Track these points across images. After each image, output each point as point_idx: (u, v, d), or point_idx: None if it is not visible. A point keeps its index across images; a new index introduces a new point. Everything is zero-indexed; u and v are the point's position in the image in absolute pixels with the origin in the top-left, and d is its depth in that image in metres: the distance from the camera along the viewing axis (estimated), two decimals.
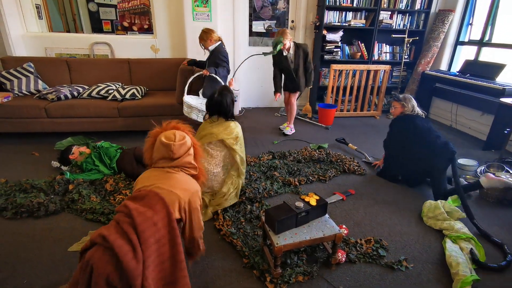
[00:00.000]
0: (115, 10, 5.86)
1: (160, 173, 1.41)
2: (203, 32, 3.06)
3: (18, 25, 3.77)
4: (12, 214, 2.03)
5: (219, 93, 2.19)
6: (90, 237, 1.19)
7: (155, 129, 1.47)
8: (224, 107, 2.18)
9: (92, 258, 1.11)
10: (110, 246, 1.11)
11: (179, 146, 1.41)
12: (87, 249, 1.17)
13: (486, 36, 3.94)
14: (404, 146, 2.58)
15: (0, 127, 3.11)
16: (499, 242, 1.93)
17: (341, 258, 1.74)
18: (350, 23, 4.23)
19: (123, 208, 1.24)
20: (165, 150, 1.40)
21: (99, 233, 1.16)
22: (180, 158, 1.43)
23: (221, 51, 3.08)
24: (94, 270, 1.09)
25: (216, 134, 2.16)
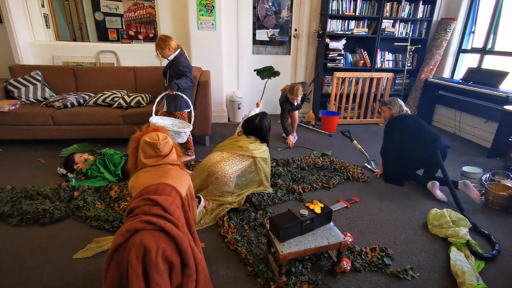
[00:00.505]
0: (121, 19, 5.97)
1: (154, 171, 1.47)
2: (160, 40, 2.75)
3: (26, 33, 3.85)
4: (18, 221, 2.05)
5: (259, 119, 2.44)
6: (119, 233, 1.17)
7: (136, 133, 1.55)
8: (263, 133, 2.44)
9: (144, 241, 1.12)
10: (155, 227, 1.17)
11: (164, 144, 1.50)
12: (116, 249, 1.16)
13: (489, 44, 3.95)
14: (399, 146, 2.71)
15: (7, 134, 3.15)
16: (486, 233, 2.09)
17: (346, 266, 1.72)
18: (352, 31, 4.27)
19: (145, 202, 1.27)
20: (152, 149, 1.47)
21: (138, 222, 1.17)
22: (168, 155, 1.52)
23: (182, 61, 2.80)
24: (150, 250, 1.11)
25: (251, 150, 2.36)
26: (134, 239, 1.14)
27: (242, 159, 2.35)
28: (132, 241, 1.14)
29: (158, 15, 4.03)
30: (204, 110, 3.34)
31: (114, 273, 1.14)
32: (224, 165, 2.25)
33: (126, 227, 1.18)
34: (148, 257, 1.11)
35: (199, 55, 4.03)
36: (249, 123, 2.45)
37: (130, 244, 1.13)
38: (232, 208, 2.24)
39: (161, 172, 1.46)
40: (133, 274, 1.09)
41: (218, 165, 2.25)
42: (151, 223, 1.17)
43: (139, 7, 5.58)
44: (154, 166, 1.48)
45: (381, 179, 2.85)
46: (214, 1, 3.81)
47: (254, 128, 2.43)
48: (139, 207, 1.27)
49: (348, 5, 4.17)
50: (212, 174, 2.24)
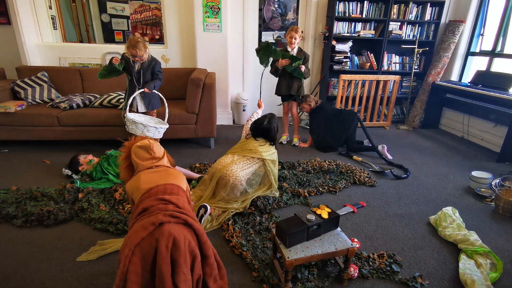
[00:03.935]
0: (127, 21, 6.00)
1: (154, 171, 1.50)
2: (141, 42, 2.72)
3: (33, 35, 3.88)
4: (22, 222, 2.04)
5: (268, 121, 2.41)
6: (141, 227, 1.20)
7: (127, 142, 1.63)
8: (272, 134, 2.42)
9: (173, 232, 1.17)
10: (179, 220, 1.24)
11: (156, 146, 1.58)
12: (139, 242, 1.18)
13: (498, 47, 3.89)
14: (324, 125, 3.53)
15: (13, 134, 3.17)
16: (400, 164, 3.12)
17: (354, 273, 1.69)
18: (359, 33, 4.24)
19: (159, 201, 1.31)
20: (146, 151, 1.54)
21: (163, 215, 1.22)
22: (161, 159, 1.58)
23: (158, 63, 2.93)
24: (179, 240, 1.16)
25: (260, 152, 2.34)
26: (162, 230, 1.18)
27: (252, 161, 2.33)
28: (160, 232, 1.17)
29: (164, 17, 4.03)
30: (209, 112, 3.33)
31: (138, 268, 1.14)
32: (235, 168, 2.23)
33: (150, 220, 1.19)
34: (177, 247, 1.15)
35: (205, 57, 4.02)
36: (257, 125, 2.44)
37: (158, 235, 1.16)
38: (237, 212, 2.21)
39: (161, 173, 1.50)
40: (164, 262, 1.13)
41: (228, 168, 2.23)
42: (175, 217, 1.24)
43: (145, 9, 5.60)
44: (151, 168, 1.52)
45: (384, 181, 2.81)
46: (220, 3, 3.81)
47: (263, 130, 2.41)
48: (153, 206, 1.29)
49: (355, 7, 4.14)
50: (223, 178, 2.22)
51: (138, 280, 1.13)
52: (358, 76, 4.21)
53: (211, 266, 1.29)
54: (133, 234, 1.19)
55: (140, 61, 2.79)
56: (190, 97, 3.24)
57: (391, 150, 3.55)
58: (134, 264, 1.14)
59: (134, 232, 1.20)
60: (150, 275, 1.16)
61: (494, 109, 3.64)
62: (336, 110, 3.67)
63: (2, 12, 3.71)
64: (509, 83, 3.53)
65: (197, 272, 1.23)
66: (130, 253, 1.15)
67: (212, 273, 1.29)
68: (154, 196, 1.34)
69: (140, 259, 1.15)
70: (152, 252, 1.15)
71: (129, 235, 1.21)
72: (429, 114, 4.52)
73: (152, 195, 1.35)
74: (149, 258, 1.15)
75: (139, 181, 1.44)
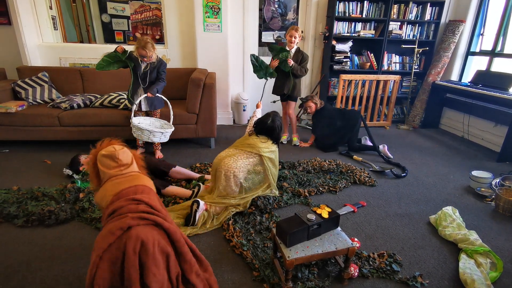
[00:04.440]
0: (127, 21, 6.01)
1: (122, 178, 1.44)
2: (150, 43, 2.77)
3: (34, 35, 3.88)
4: (23, 222, 2.05)
5: (272, 119, 2.38)
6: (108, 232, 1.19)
7: (92, 150, 1.54)
8: (275, 133, 2.39)
9: (140, 235, 1.18)
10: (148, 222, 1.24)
11: (123, 153, 1.49)
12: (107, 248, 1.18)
13: (498, 47, 3.89)
14: (328, 125, 3.55)
15: (14, 135, 3.17)
16: (397, 162, 3.16)
17: (354, 272, 1.69)
18: (359, 33, 4.24)
19: (129, 202, 1.31)
20: (111, 159, 1.45)
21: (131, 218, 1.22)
22: (130, 165, 1.51)
23: (164, 63, 2.97)
24: (147, 243, 1.17)
25: (259, 148, 2.32)
26: (129, 234, 1.18)
27: (249, 155, 2.31)
28: (127, 236, 1.17)
29: (165, 17, 4.04)
30: (209, 112, 3.33)
31: (105, 273, 1.15)
32: (228, 161, 2.25)
33: (117, 225, 1.19)
34: (146, 249, 1.16)
35: (205, 57, 4.03)
36: (261, 124, 2.41)
37: (125, 239, 1.17)
38: (237, 212, 2.21)
39: (130, 178, 1.45)
40: (131, 267, 1.14)
41: (223, 161, 2.25)
42: (143, 219, 1.24)
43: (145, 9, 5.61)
44: (119, 175, 1.46)
45: (384, 180, 2.81)
46: (220, 3, 3.82)
47: (267, 129, 2.38)
48: (123, 207, 1.28)
49: (355, 7, 4.14)
50: (217, 170, 2.26)
51: (104, 284, 1.14)
52: (358, 76, 4.21)
53: (189, 263, 1.30)
54: (101, 239, 1.19)
55: (149, 61, 2.85)
56: (191, 97, 3.24)
57: (392, 150, 3.56)
58: (102, 270, 1.15)
59: (101, 237, 1.19)
60: (120, 278, 1.16)
61: (495, 109, 3.64)
62: (339, 110, 3.71)
63: (2, 12, 3.71)
64: (509, 82, 3.53)
65: (174, 270, 1.24)
66: (98, 258, 1.15)
67: (192, 269, 1.30)
68: (125, 197, 1.32)
69: (109, 265, 1.15)
70: (120, 255, 1.16)
71: (97, 240, 1.20)
72: (429, 114, 4.53)
73: (122, 197, 1.33)
74: (118, 262, 1.16)
75: (105, 191, 1.41)
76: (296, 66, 3.30)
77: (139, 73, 2.90)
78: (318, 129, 3.63)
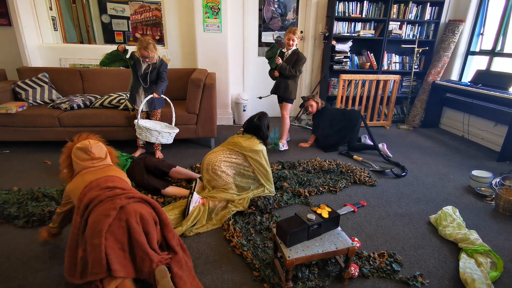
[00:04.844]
0: (127, 21, 6.01)
1: (95, 170, 1.57)
2: (151, 44, 2.78)
3: (34, 36, 3.89)
4: (24, 222, 2.05)
5: (258, 118, 2.44)
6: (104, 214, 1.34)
7: (68, 143, 1.65)
8: (262, 131, 2.43)
9: (137, 209, 1.39)
10: (136, 199, 1.44)
11: (96, 147, 1.62)
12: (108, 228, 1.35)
13: (498, 46, 3.89)
14: (329, 125, 3.56)
15: (15, 135, 3.18)
16: (397, 162, 3.17)
17: (354, 272, 1.69)
18: (359, 33, 4.24)
19: (104, 190, 1.44)
20: (84, 152, 1.58)
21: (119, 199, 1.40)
22: (104, 158, 1.64)
23: (164, 63, 2.97)
24: (144, 214, 1.40)
25: (241, 147, 2.37)
26: (127, 211, 1.37)
27: (231, 152, 2.40)
28: (126, 213, 1.37)
29: (165, 18, 4.04)
30: (209, 112, 3.33)
31: (115, 251, 1.32)
32: (210, 156, 2.39)
33: (109, 207, 1.35)
34: (144, 220, 1.40)
35: (205, 58, 4.03)
36: (248, 122, 2.48)
37: (125, 216, 1.36)
38: (238, 212, 2.22)
39: (101, 170, 1.59)
40: (139, 235, 1.36)
41: (206, 158, 2.41)
42: (131, 197, 1.44)
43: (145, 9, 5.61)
44: (91, 167, 1.58)
45: (384, 180, 2.81)
46: (220, 4, 3.82)
47: (253, 127, 2.44)
48: (100, 195, 1.40)
49: (355, 7, 4.14)
50: (203, 168, 2.40)
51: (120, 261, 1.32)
52: (358, 76, 4.22)
53: (171, 232, 1.54)
54: (97, 224, 1.31)
55: (150, 62, 2.87)
56: (191, 98, 3.25)
57: (392, 150, 3.56)
58: (111, 249, 1.31)
59: (96, 223, 1.32)
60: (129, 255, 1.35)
61: (495, 109, 3.64)
62: (340, 110, 3.71)
63: (2, 13, 3.72)
64: (509, 82, 3.53)
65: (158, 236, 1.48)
66: (103, 239, 1.29)
67: (174, 236, 1.54)
68: (97, 187, 1.43)
69: (115, 243, 1.33)
70: (122, 232, 1.34)
71: (92, 226, 1.32)
72: (429, 114, 4.53)
73: (94, 187, 1.44)
74: (123, 239, 1.34)
75: (77, 181, 1.51)
76: (284, 66, 3.23)
77: (139, 73, 2.91)
78: (319, 129, 3.62)
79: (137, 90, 2.98)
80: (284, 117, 3.51)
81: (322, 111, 3.60)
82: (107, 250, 1.30)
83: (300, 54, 3.29)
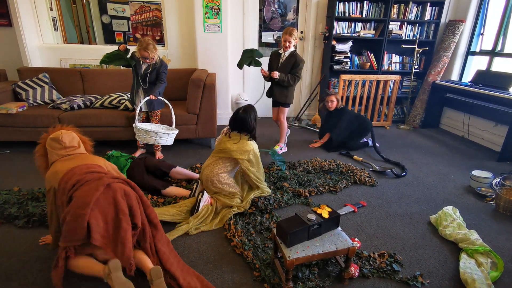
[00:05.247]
0: (127, 22, 6.01)
1: (71, 158, 1.67)
2: (151, 44, 2.78)
3: (34, 36, 3.89)
4: (24, 222, 2.05)
5: (243, 110, 2.26)
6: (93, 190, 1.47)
7: (44, 134, 1.76)
8: (247, 124, 2.25)
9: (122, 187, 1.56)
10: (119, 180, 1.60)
11: (67, 136, 1.71)
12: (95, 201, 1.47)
13: (498, 46, 3.89)
14: (346, 128, 3.54)
15: (15, 136, 3.18)
16: (397, 162, 3.20)
17: (354, 272, 1.69)
18: (359, 33, 4.25)
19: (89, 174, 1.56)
20: (56, 143, 1.69)
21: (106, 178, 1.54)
22: (76, 148, 1.74)
23: (164, 64, 2.96)
24: (128, 191, 1.57)
25: (231, 152, 2.25)
26: (113, 187, 1.53)
27: (224, 160, 2.29)
28: (113, 189, 1.52)
29: (165, 18, 4.05)
30: (210, 112, 3.34)
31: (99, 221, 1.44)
32: (206, 171, 2.32)
33: (98, 183, 1.49)
34: (129, 196, 1.55)
35: (205, 58, 4.03)
36: (233, 115, 2.31)
37: (112, 192, 1.51)
38: (238, 212, 2.22)
39: (80, 158, 1.68)
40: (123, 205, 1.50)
41: (203, 173, 2.35)
42: (116, 178, 1.60)
43: (145, 10, 5.62)
44: (66, 156, 1.68)
45: (384, 180, 2.81)
46: (220, 4, 3.82)
47: (239, 120, 2.25)
48: (86, 177, 1.53)
49: (355, 7, 4.15)
50: (204, 183, 2.36)
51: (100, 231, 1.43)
52: (358, 76, 4.22)
53: (151, 210, 1.67)
54: (85, 197, 1.44)
55: (150, 62, 2.87)
56: (191, 98, 3.25)
57: (392, 150, 3.57)
58: (94, 218, 1.42)
59: (85, 195, 1.44)
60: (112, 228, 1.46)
61: (495, 109, 3.63)
62: (355, 114, 3.69)
63: (3, 14, 3.72)
64: (509, 82, 3.53)
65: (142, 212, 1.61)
66: (88, 210, 1.41)
67: (154, 214, 1.68)
68: (80, 172, 1.54)
69: (101, 214, 1.45)
70: (109, 206, 1.48)
71: (79, 198, 1.43)
72: (429, 114, 4.53)
73: (77, 172, 1.54)
74: (109, 212, 1.47)
75: (57, 168, 1.61)
76: (283, 78, 3.03)
77: (139, 73, 2.92)
78: (337, 129, 3.53)
79: (137, 91, 2.98)
80: (282, 122, 3.39)
81: (342, 111, 3.54)
82: (90, 220, 1.40)
83: (298, 57, 3.09)
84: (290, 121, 4.57)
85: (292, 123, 4.51)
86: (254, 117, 2.30)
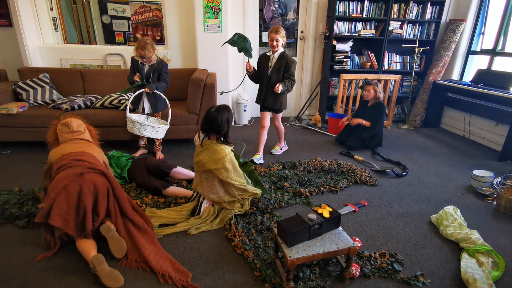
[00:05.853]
0: (127, 22, 6.02)
1: (75, 143, 1.97)
2: (149, 44, 2.76)
3: (35, 37, 3.89)
4: (25, 222, 2.05)
5: (216, 109, 2.10)
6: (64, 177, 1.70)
7: (55, 121, 2.07)
8: (217, 124, 2.06)
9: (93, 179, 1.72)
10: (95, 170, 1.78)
11: (75, 122, 2.02)
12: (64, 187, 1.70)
13: (499, 46, 3.89)
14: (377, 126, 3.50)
15: (15, 136, 3.18)
16: (397, 161, 3.18)
17: (355, 272, 1.69)
18: (360, 33, 4.24)
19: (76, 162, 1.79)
20: (65, 127, 2.00)
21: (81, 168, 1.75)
22: (82, 132, 2.05)
23: (165, 64, 2.97)
24: (98, 185, 1.72)
25: (203, 164, 2.09)
26: (84, 178, 1.70)
27: (207, 176, 2.15)
28: (83, 180, 1.69)
29: (165, 18, 4.05)
30: None
31: (62, 204, 1.64)
32: (199, 189, 2.21)
33: (71, 172, 1.70)
34: (97, 189, 1.72)
35: (205, 58, 4.03)
36: (205, 114, 2.13)
37: (82, 182, 1.68)
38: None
39: (81, 144, 1.96)
40: (87, 200, 1.67)
41: (196, 189, 2.25)
42: (92, 168, 1.77)
43: (146, 10, 5.62)
44: (73, 140, 1.98)
45: (385, 180, 2.81)
46: (221, 4, 3.82)
47: (209, 119, 2.07)
48: (70, 162, 1.77)
49: (355, 6, 4.14)
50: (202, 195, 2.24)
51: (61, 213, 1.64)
52: (359, 75, 4.21)
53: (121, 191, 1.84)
54: (59, 182, 1.67)
55: (148, 62, 2.85)
56: (191, 98, 3.25)
57: (393, 150, 3.56)
58: (58, 202, 1.63)
59: (59, 181, 1.67)
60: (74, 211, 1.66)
61: (496, 108, 3.63)
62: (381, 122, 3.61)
63: (3, 14, 3.72)
64: (510, 81, 3.53)
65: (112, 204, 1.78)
66: (56, 195, 1.62)
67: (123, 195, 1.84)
68: (68, 158, 1.80)
69: (65, 199, 1.64)
70: (75, 194, 1.66)
71: (54, 184, 1.68)
72: (430, 113, 4.52)
73: (69, 157, 1.80)
74: (72, 198, 1.65)
75: (59, 148, 1.92)
76: (283, 89, 2.84)
77: (142, 75, 2.92)
78: (378, 124, 3.48)
79: (140, 94, 2.96)
80: (277, 125, 3.28)
81: (383, 107, 3.48)
82: (54, 202, 1.61)
83: (289, 59, 2.90)
84: (290, 121, 4.57)
85: (293, 123, 4.50)
86: (227, 119, 2.10)
